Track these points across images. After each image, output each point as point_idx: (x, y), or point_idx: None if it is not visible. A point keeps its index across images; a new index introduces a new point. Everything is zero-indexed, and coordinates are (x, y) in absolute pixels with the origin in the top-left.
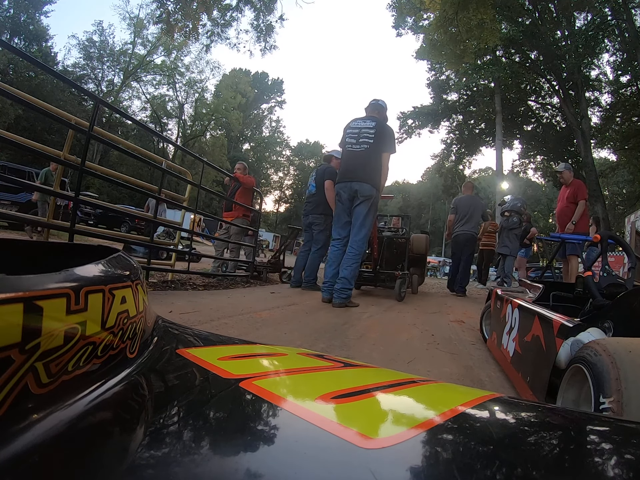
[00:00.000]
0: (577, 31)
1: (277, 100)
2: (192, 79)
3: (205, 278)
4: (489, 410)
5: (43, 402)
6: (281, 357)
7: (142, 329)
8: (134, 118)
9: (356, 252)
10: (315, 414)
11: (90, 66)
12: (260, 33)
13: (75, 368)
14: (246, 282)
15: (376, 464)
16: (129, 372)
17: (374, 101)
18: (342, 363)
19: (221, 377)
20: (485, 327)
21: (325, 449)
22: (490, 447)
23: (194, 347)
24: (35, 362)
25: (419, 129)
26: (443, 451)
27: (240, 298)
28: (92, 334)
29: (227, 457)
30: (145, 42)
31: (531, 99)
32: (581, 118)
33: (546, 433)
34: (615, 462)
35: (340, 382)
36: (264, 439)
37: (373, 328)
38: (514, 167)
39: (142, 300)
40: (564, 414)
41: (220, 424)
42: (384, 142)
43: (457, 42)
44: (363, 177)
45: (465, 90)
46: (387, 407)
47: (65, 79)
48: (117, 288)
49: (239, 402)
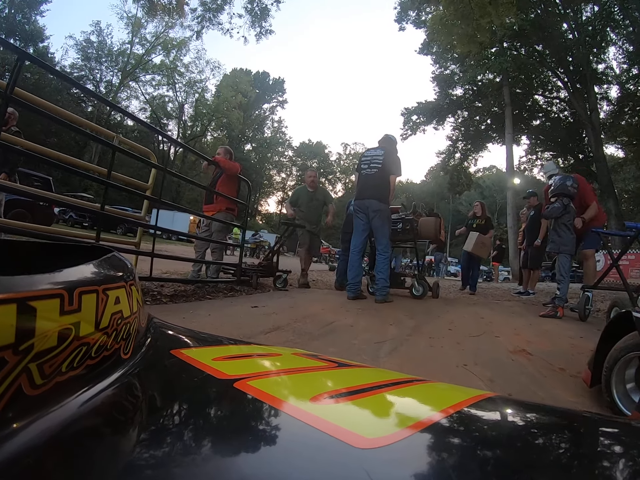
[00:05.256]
0: (584, 22)
1: (279, 100)
2: (192, 79)
3: (184, 285)
4: (484, 409)
5: (37, 403)
6: (276, 357)
7: (136, 330)
8: (138, 117)
9: (385, 256)
10: (310, 414)
11: (89, 67)
12: (255, 17)
13: (69, 369)
14: (229, 290)
15: (371, 463)
16: (123, 372)
17: (386, 135)
18: (337, 363)
19: (216, 377)
20: (630, 389)
21: (320, 449)
22: (486, 446)
23: (189, 347)
24: (28, 363)
25: (423, 125)
26: (438, 450)
27: (203, 318)
28: (86, 334)
29: (221, 458)
30: (143, 41)
31: (538, 93)
32: (590, 112)
33: (541, 432)
34: (611, 461)
35: (335, 382)
36: (258, 439)
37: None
38: (521, 163)
39: (136, 301)
40: (560, 414)
41: (214, 425)
42: (391, 166)
43: (469, 20)
44: (373, 195)
45: (470, 85)
46: (382, 407)
47: (70, 80)
48: (111, 289)
49: (233, 402)
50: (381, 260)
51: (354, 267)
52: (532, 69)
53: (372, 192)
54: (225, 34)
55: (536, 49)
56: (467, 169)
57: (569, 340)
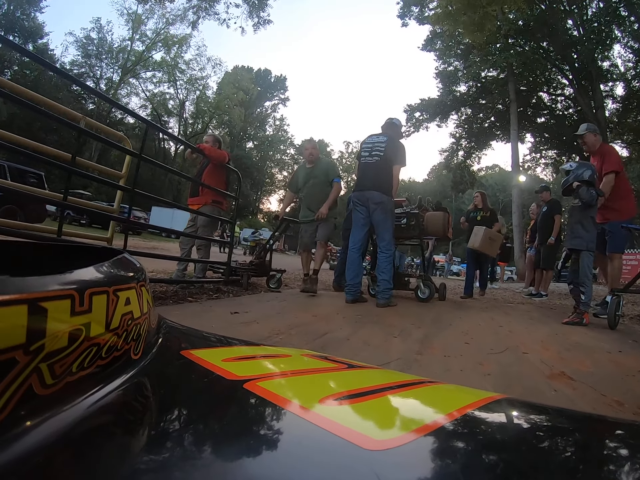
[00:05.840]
0: (590, 18)
1: (281, 98)
2: (193, 76)
3: (166, 285)
4: (495, 411)
5: (47, 403)
6: (285, 359)
7: (147, 330)
8: (139, 114)
9: (388, 254)
10: (320, 416)
11: (89, 64)
12: (253, 6)
13: (79, 369)
14: (216, 291)
15: (380, 465)
16: (133, 373)
17: (389, 120)
18: (347, 364)
19: (225, 378)
20: None
21: (330, 450)
22: (496, 449)
23: (198, 348)
24: (39, 363)
25: (426, 122)
26: (448, 453)
27: None
28: (97, 335)
29: (231, 459)
30: (143, 37)
31: (543, 91)
32: (596, 109)
33: (553, 435)
34: (625, 465)
35: (345, 384)
36: (268, 440)
37: None
38: (525, 162)
39: (147, 302)
40: (572, 416)
41: (224, 426)
42: (395, 155)
43: (475, 8)
44: (373, 186)
45: (474, 81)
46: (392, 409)
47: (68, 76)
48: (122, 289)
49: (243, 403)
50: (383, 259)
51: (352, 267)
52: (537, 65)
53: (373, 183)
54: (222, 24)
55: (541, 45)
56: (470, 167)
57: (608, 356)
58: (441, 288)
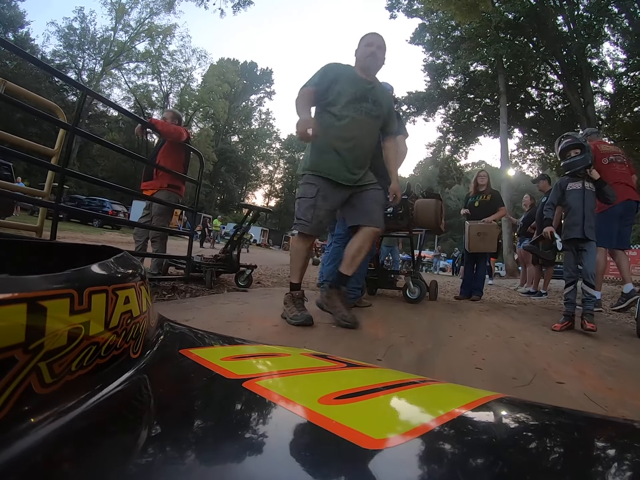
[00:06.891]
0: (580, 14)
1: (267, 91)
2: (177, 67)
3: None
4: (492, 410)
5: (46, 402)
6: (284, 358)
7: (146, 329)
8: (123, 108)
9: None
10: (318, 414)
11: (71, 54)
12: None
13: (78, 368)
14: (170, 291)
15: (379, 464)
16: (132, 372)
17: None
18: (345, 363)
19: (224, 377)
20: None
21: (328, 449)
22: (494, 449)
23: (197, 347)
24: (38, 362)
25: (413, 116)
26: (446, 452)
27: None
28: (96, 334)
29: (230, 457)
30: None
31: (532, 86)
32: (585, 105)
33: (551, 434)
34: (623, 465)
35: (343, 383)
36: (267, 439)
37: None
38: (512, 157)
39: (146, 301)
40: (569, 415)
41: (223, 425)
42: None
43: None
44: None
45: (463, 75)
46: (390, 408)
47: (51, 69)
48: (121, 288)
49: (242, 402)
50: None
51: (335, 261)
52: (527, 59)
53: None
54: (200, 5)
55: (531, 40)
56: (457, 162)
57: None
58: (432, 287)
